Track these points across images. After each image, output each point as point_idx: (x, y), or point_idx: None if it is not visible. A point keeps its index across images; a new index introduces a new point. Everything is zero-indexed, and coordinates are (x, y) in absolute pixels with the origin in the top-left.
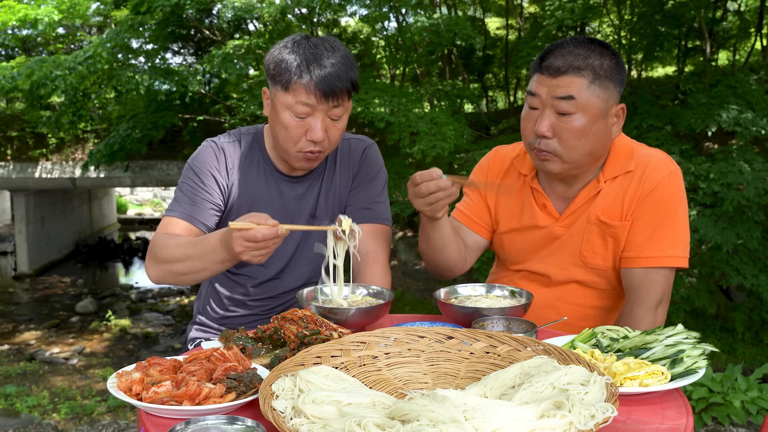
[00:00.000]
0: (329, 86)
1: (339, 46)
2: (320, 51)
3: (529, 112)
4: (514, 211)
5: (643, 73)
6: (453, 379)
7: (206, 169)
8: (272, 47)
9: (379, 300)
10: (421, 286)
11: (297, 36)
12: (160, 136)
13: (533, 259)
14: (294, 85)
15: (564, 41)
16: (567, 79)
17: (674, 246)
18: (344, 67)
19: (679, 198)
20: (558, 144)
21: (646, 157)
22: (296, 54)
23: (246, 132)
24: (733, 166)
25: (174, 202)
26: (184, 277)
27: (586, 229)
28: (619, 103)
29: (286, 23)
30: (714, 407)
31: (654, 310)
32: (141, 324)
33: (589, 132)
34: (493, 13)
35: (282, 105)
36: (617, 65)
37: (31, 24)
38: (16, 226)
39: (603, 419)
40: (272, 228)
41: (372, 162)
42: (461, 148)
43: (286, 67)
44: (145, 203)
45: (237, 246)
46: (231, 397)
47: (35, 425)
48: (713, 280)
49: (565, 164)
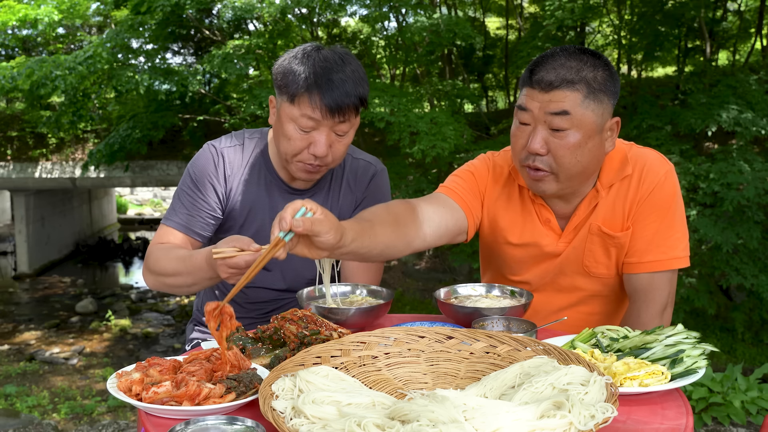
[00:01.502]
0: (336, 102)
1: (350, 59)
2: (330, 64)
3: (520, 128)
4: (514, 223)
5: (643, 73)
6: (453, 379)
7: (204, 178)
8: (282, 55)
9: (379, 300)
10: (421, 286)
11: (308, 46)
12: (160, 136)
13: (533, 272)
14: (300, 99)
15: (554, 52)
16: (560, 93)
17: (675, 247)
18: (353, 82)
19: (676, 197)
20: (553, 161)
21: (641, 159)
22: (305, 66)
23: (250, 136)
24: (733, 166)
25: (171, 210)
26: (177, 289)
27: (587, 239)
28: (613, 117)
29: (286, 23)
30: (714, 407)
31: (660, 315)
32: (141, 324)
33: (584, 148)
34: (493, 13)
35: (287, 116)
36: (610, 77)
37: (31, 24)
38: (16, 226)
39: (603, 419)
40: (255, 254)
41: (378, 190)
42: (461, 148)
43: (294, 79)
44: (145, 203)
45: (222, 273)
46: (231, 397)
47: (35, 425)
48: (713, 280)
49: (560, 183)
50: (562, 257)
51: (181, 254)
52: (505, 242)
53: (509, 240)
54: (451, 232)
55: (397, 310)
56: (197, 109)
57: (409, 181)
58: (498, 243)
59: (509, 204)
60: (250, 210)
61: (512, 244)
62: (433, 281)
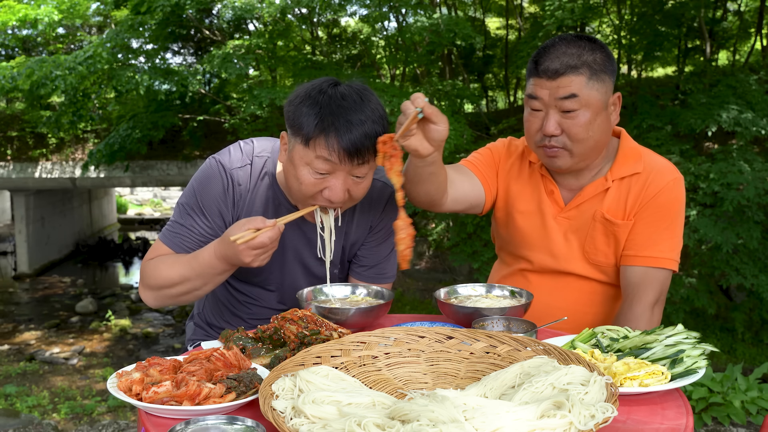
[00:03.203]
0: (355, 145)
1: (369, 96)
2: (348, 103)
3: (533, 114)
4: (523, 192)
5: (643, 73)
6: (453, 379)
7: (211, 204)
8: (295, 91)
9: (379, 300)
10: (421, 286)
11: (324, 83)
12: (160, 136)
13: (534, 248)
14: (315, 141)
15: (553, 42)
16: (566, 79)
17: (672, 250)
18: (373, 123)
19: (680, 205)
20: (567, 139)
21: (653, 163)
22: (320, 105)
23: (259, 154)
24: (733, 166)
25: (171, 229)
26: (184, 297)
27: (591, 226)
28: (614, 92)
29: (286, 23)
30: (714, 407)
31: (651, 308)
32: (141, 324)
33: (594, 124)
34: (493, 13)
35: (300, 160)
36: (608, 57)
37: (31, 24)
38: (16, 226)
39: (603, 419)
40: (274, 229)
41: (393, 210)
42: (461, 148)
43: (308, 121)
44: (145, 203)
45: (245, 257)
46: (231, 397)
47: (35, 425)
48: (713, 280)
49: (575, 158)
50: (563, 235)
51: (183, 259)
52: (515, 210)
53: (517, 207)
54: (469, 199)
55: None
56: (197, 109)
57: None
58: (508, 212)
59: (519, 175)
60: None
61: (520, 212)
62: (433, 281)
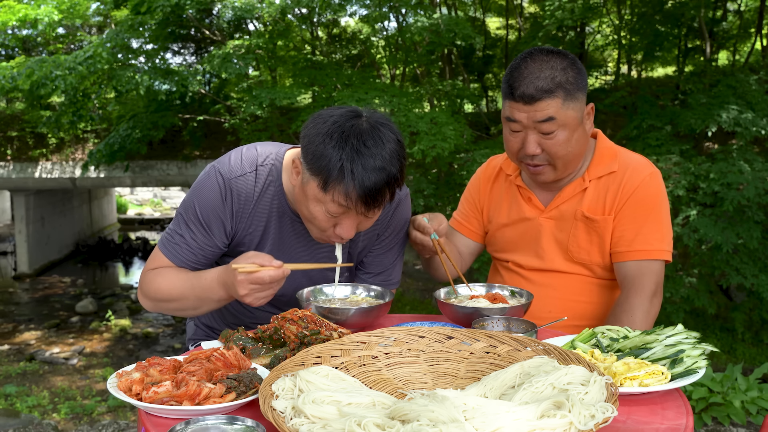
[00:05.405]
0: (373, 196)
1: (388, 135)
2: (368, 148)
3: (513, 134)
4: (502, 207)
5: (643, 73)
6: (453, 379)
7: (210, 214)
8: (314, 118)
9: (379, 300)
10: (421, 286)
11: (346, 122)
12: (160, 136)
13: (521, 251)
14: (334, 189)
15: (524, 63)
16: (543, 104)
17: (661, 241)
18: (392, 167)
19: (660, 197)
20: (549, 156)
21: (628, 160)
22: (341, 151)
23: (264, 163)
24: (733, 166)
25: (170, 238)
26: (178, 312)
27: (573, 225)
28: (587, 104)
29: (286, 23)
30: (714, 407)
31: (650, 299)
32: (141, 324)
33: (572, 140)
34: (493, 13)
35: (315, 198)
36: (579, 72)
37: (31, 24)
38: (16, 226)
39: (603, 419)
40: (278, 270)
41: (400, 218)
42: (461, 148)
43: (327, 165)
44: (145, 203)
45: (241, 289)
46: (231, 397)
47: (35, 425)
48: (713, 280)
49: (558, 171)
50: (547, 234)
51: (185, 276)
52: (499, 224)
53: (501, 221)
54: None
55: (397, 310)
56: (197, 109)
57: (409, 181)
58: (494, 228)
59: (499, 193)
60: (259, 242)
61: (504, 225)
62: (433, 281)
